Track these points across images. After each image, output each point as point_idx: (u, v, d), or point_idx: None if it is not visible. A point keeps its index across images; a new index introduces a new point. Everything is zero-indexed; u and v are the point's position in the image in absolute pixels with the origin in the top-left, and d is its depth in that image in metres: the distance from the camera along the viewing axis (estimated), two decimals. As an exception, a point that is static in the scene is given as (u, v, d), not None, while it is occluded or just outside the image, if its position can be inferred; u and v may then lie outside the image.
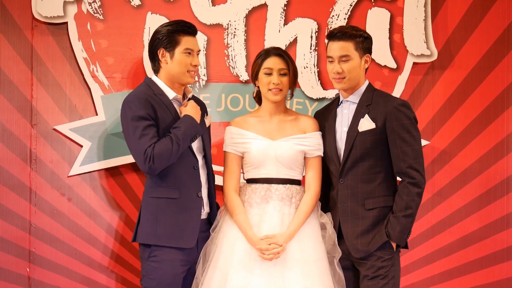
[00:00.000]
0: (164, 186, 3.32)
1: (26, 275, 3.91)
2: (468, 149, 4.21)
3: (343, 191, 3.38)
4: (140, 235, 3.35)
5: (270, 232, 3.33)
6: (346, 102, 3.45)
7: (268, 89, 3.43)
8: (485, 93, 4.22)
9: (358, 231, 3.34)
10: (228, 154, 3.50)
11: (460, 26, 4.21)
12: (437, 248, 4.18)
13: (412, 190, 3.30)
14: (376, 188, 3.36)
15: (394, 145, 3.33)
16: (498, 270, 4.23)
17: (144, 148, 3.22)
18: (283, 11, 4.09)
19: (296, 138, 3.46)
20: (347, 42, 3.34)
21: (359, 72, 3.39)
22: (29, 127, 3.92)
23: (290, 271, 3.29)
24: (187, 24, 3.39)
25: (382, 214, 3.36)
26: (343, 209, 3.37)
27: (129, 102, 3.29)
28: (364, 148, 3.34)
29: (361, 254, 3.33)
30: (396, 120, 3.32)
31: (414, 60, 4.16)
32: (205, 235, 3.44)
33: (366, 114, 3.36)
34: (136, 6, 3.99)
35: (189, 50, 3.36)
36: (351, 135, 3.36)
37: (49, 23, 3.92)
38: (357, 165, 3.36)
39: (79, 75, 3.95)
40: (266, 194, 3.41)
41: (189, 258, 3.37)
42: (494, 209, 4.22)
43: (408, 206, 3.29)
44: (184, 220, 3.33)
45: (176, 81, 3.39)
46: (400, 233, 3.30)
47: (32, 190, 3.91)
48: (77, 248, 3.94)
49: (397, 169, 3.35)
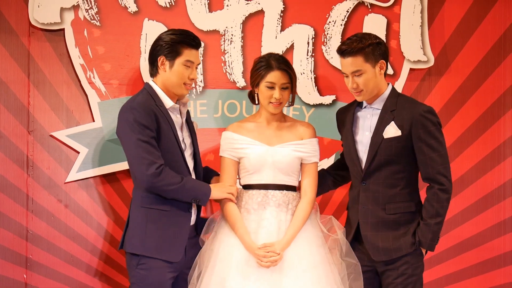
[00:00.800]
0: (158, 198, 3.31)
1: (23, 281, 3.91)
2: (465, 155, 4.22)
3: (365, 193, 3.39)
4: (128, 244, 3.34)
5: (267, 239, 3.33)
6: (369, 107, 3.44)
7: (269, 102, 3.43)
8: (481, 100, 4.23)
9: (379, 236, 3.36)
10: (225, 159, 3.50)
11: (456, 32, 4.21)
12: (433, 254, 4.18)
13: (442, 196, 3.33)
14: (398, 194, 3.37)
15: (421, 152, 3.34)
16: (495, 276, 4.24)
17: (156, 162, 3.22)
18: (279, 17, 4.09)
19: (293, 144, 3.46)
20: (356, 57, 3.30)
21: (375, 81, 3.36)
22: (26, 133, 3.92)
23: (287, 278, 3.29)
24: (191, 36, 3.38)
25: (403, 220, 3.38)
26: (364, 211, 3.39)
27: (133, 108, 3.26)
28: (388, 155, 3.35)
29: (381, 257, 3.35)
30: (422, 127, 3.32)
31: (411, 66, 4.17)
32: (193, 242, 3.44)
33: (392, 121, 3.36)
34: (133, 13, 3.99)
35: (189, 63, 3.36)
36: (375, 141, 3.36)
37: (46, 30, 3.91)
38: (380, 169, 3.37)
39: (76, 81, 3.95)
40: (263, 200, 3.41)
41: (177, 265, 3.37)
42: (491, 215, 4.23)
43: (438, 214, 3.33)
44: (173, 233, 3.32)
45: (170, 90, 3.39)
46: (432, 240, 3.34)
47: (29, 196, 3.91)
48: (74, 255, 3.94)
49: (425, 175, 3.36)
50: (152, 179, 3.23)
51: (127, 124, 3.26)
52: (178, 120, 3.43)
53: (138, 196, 3.35)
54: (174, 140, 3.34)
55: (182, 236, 3.35)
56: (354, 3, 4.13)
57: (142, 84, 3.89)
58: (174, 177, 3.27)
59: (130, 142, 3.25)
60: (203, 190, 3.36)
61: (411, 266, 3.36)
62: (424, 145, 3.32)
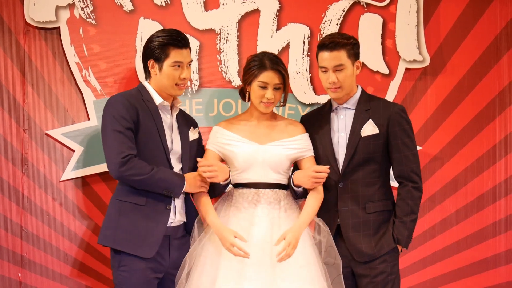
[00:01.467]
0: (132, 191, 3.30)
1: (18, 280, 3.90)
2: (460, 155, 4.22)
3: (343, 195, 3.40)
4: (102, 236, 3.34)
5: (259, 236, 3.30)
6: (342, 108, 3.46)
7: (260, 101, 3.43)
8: (477, 99, 4.23)
9: (361, 236, 3.36)
10: (208, 151, 3.50)
11: (452, 32, 4.22)
12: (429, 254, 4.19)
13: (415, 194, 3.37)
14: (376, 192, 3.40)
15: (396, 149, 3.37)
16: (490, 275, 4.24)
17: (124, 151, 3.21)
18: (275, 17, 4.09)
19: (284, 142, 3.46)
20: (339, 52, 3.35)
21: (352, 79, 3.42)
22: (21, 132, 3.91)
23: (281, 276, 3.26)
24: (178, 37, 3.36)
25: (382, 218, 3.40)
26: (344, 212, 3.40)
27: (115, 101, 3.30)
28: (367, 153, 3.38)
29: (364, 258, 3.36)
30: (398, 125, 3.37)
31: (407, 65, 4.17)
32: (180, 242, 3.42)
33: (369, 119, 3.37)
34: (128, 11, 3.99)
35: (178, 63, 3.35)
36: (353, 139, 3.38)
37: (42, 28, 3.91)
38: (358, 169, 3.39)
39: (71, 79, 3.94)
40: (254, 199, 3.40)
41: (160, 266, 3.35)
42: (486, 215, 4.24)
43: (412, 211, 3.37)
44: (146, 229, 3.29)
45: (164, 92, 3.40)
46: (408, 237, 3.37)
47: (24, 194, 3.91)
48: (68, 253, 3.93)
49: (399, 173, 3.40)
50: (118, 167, 3.21)
51: (106, 116, 3.29)
52: (167, 119, 3.43)
53: (116, 189, 3.36)
54: (158, 137, 3.33)
55: (156, 233, 3.30)
56: (350, 3, 4.14)
57: (137, 83, 3.90)
58: (144, 167, 3.23)
59: (105, 132, 3.28)
60: (175, 181, 3.31)
61: (389, 264, 3.38)
62: (400, 142, 3.36)
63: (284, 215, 3.41)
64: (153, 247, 3.29)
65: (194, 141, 3.51)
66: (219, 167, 3.35)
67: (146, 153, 3.32)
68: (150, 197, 3.30)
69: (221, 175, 3.35)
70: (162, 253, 3.35)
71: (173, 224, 3.39)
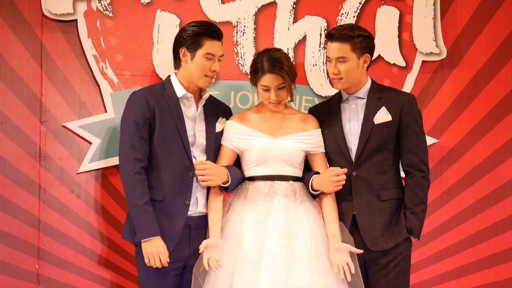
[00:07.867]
0: (150, 187, 3.34)
1: (35, 271, 3.91)
2: (477, 147, 4.21)
3: (357, 183, 3.40)
4: (123, 231, 3.42)
5: (276, 228, 3.32)
6: (353, 97, 3.46)
7: (268, 102, 3.44)
8: (494, 92, 4.22)
9: (376, 224, 3.36)
10: (224, 148, 3.50)
11: (469, 24, 4.21)
12: (446, 246, 4.18)
13: (424, 184, 3.39)
14: (389, 180, 3.41)
15: (407, 138, 3.38)
16: (507, 268, 4.23)
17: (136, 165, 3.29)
18: (292, 9, 4.09)
19: (298, 136, 3.47)
20: (344, 44, 3.35)
21: (357, 72, 3.41)
22: (38, 124, 3.92)
23: (296, 267, 3.28)
24: (212, 28, 3.40)
25: (395, 205, 3.41)
26: (358, 201, 3.40)
27: (132, 101, 3.36)
28: (380, 140, 3.39)
29: (379, 248, 3.36)
30: (410, 113, 3.39)
31: (423, 58, 4.16)
32: (201, 233, 3.43)
33: (382, 106, 3.37)
34: (145, 4, 3.99)
35: (210, 55, 3.37)
36: (366, 127, 3.39)
37: (59, 20, 3.91)
38: (372, 157, 3.39)
39: (89, 72, 3.95)
40: (270, 191, 3.41)
41: (180, 255, 3.38)
42: (503, 207, 4.22)
43: (422, 201, 3.39)
44: (164, 225, 3.33)
45: (191, 82, 3.41)
46: (420, 228, 3.38)
47: (41, 187, 3.92)
48: (85, 245, 3.95)
49: (408, 162, 3.40)
50: (126, 176, 3.30)
51: (124, 114, 3.38)
52: (190, 112, 3.44)
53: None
54: (176, 131, 3.36)
55: (175, 229, 3.34)
56: (366, -5, 4.14)
57: (154, 75, 3.92)
58: (141, 194, 3.27)
59: (122, 133, 3.37)
60: (143, 229, 3.28)
61: (403, 254, 3.39)
62: (411, 131, 3.38)
63: (300, 207, 3.42)
64: (171, 242, 3.33)
65: (220, 133, 3.52)
66: (215, 171, 3.36)
67: (165, 148, 3.35)
68: (167, 193, 3.34)
69: (216, 180, 3.37)
70: (182, 243, 3.38)
71: (194, 215, 3.41)
